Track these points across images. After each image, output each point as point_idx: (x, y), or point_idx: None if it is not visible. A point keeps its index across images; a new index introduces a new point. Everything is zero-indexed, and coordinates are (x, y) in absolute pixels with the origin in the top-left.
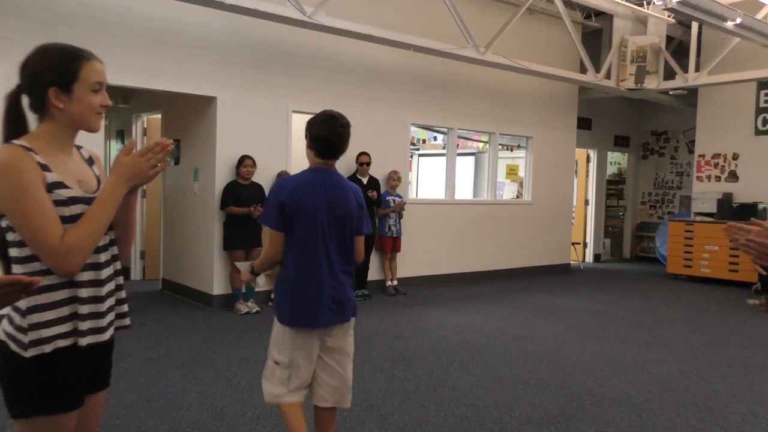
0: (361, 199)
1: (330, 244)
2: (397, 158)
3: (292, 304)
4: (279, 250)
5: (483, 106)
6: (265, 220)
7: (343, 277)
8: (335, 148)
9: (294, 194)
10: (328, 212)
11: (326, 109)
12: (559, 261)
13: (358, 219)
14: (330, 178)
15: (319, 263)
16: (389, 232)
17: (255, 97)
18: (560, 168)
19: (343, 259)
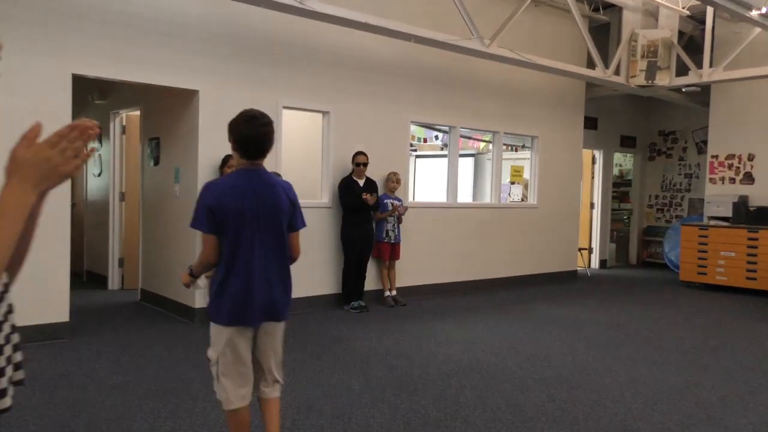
0: (293, 195)
1: (262, 243)
2: (396, 158)
3: (226, 304)
4: (212, 253)
5: (486, 104)
6: (195, 224)
7: (277, 277)
8: (258, 147)
9: (221, 197)
10: (257, 212)
11: (247, 110)
12: (566, 268)
13: (291, 215)
14: (258, 177)
15: (252, 263)
16: (387, 237)
17: (241, 91)
18: (567, 169)
19: (278, 257)
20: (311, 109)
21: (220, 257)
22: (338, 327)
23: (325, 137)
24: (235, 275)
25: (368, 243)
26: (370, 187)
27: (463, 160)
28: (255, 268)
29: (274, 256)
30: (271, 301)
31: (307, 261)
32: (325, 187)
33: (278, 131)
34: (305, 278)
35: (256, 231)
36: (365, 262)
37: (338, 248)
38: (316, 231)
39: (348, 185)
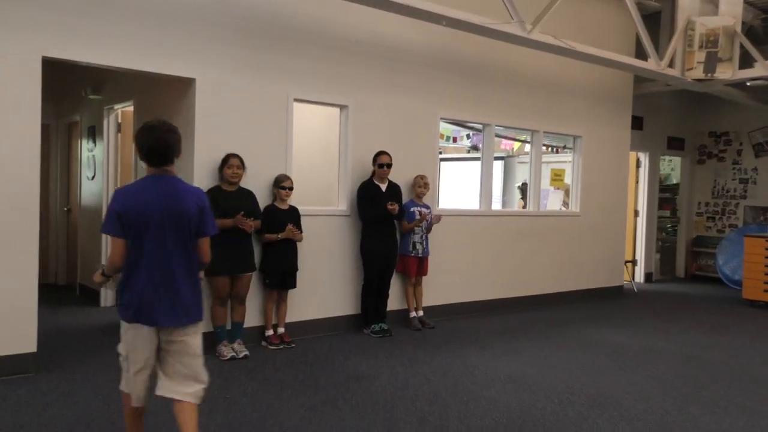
0: (203, 201)
1: (167, 248)
2: (424, 160)
3: (130, 303)
4: (120, 256)
5: (525, 99)
6: (104, 228)
7: (184, 280)
8: (162, 155)
9: (128, 203)
10: (163, 217)
11: (150, 120)
12: (612, 283)
13: (199, 221)
14: (165, 184)
15: (155, 266)
16: (414, 251)
17: (245, 81)
18: (613, 173)
19: (185, 262)
20: (327, 102)
21: (126, 260)
22: (357, 359)
23: (342, 135)
24: (139, 277)
25: (392, 257)
26: (394, 193)
27: None
28: (158, 272)
29: (179, 261)
30: (176, 304)
31: (320, 278)
32: (342, 192)
33: (288, 127)
34: (318, 298)
35: (161, 236)
36: (388, 279)
37: (357, 263)
38: (331, 243)
39: (368, 190)
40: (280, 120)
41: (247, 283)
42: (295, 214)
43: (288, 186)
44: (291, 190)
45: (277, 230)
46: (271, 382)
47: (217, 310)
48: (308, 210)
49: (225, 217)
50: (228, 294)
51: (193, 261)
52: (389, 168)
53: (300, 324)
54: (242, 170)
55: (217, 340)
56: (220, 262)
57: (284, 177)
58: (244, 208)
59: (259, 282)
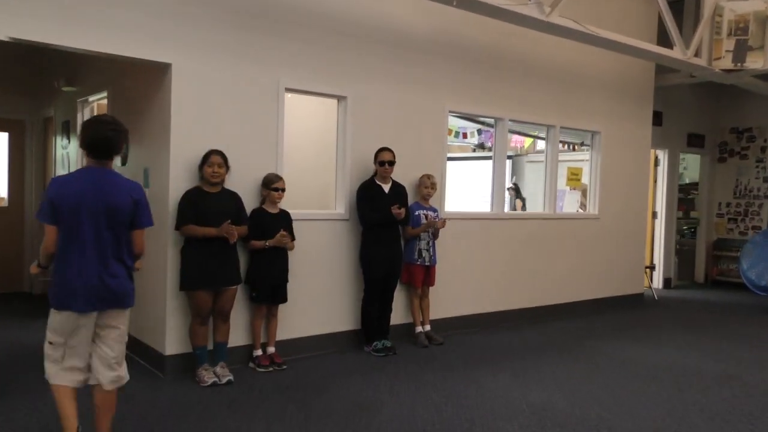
0: (139, 195)
1: (98, 237)
2: (431, 158)
3: (61, 290)
4: (52, 243)
5: (539, 92)
6: (38, 215)
7: (115, 268)
8: (102, 149)
9: (61, 191)
10: (97, 208)
11: (98, 114)
12: (631, 290)
13: (135, 214)
14: (101, 176)
15: (87, 254)
16: (420, 259)
17: (229, 67)
18: (633, 172)
19: (117, 252)
20: (323, 92)
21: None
22: (357, 383)
23: (340, 130)
24: (68, 265)
25: (395, 266)
26: (398, 195)
27: None
28: (87, 260)
29: (111, 250)
30: (105, 292)
31: (315, 289)
32: (340, 193)
33: (278, 120)
34: (313, 312)
35: (93, 225)
36: (392, 291)
37: (357, 272)
38: (328, 250)
39: (369, 191)
40: (270, 112)
41: (232, 298)
42: (287, 218)
43: (280, 187)
44: (283, 191)
45: (266, 237)
46: (257, 415)
47: (197, 328)
48: (301, 214)
49: (206, 223)
50: (210, 311)
51: (125, 251)
52: (392, 166)
53: (293, 342)
54: (225, 169)
55: (196, 364)
56: (201, 275)
57: (275, 177)
58: (228, 212)
59: (246, 296)
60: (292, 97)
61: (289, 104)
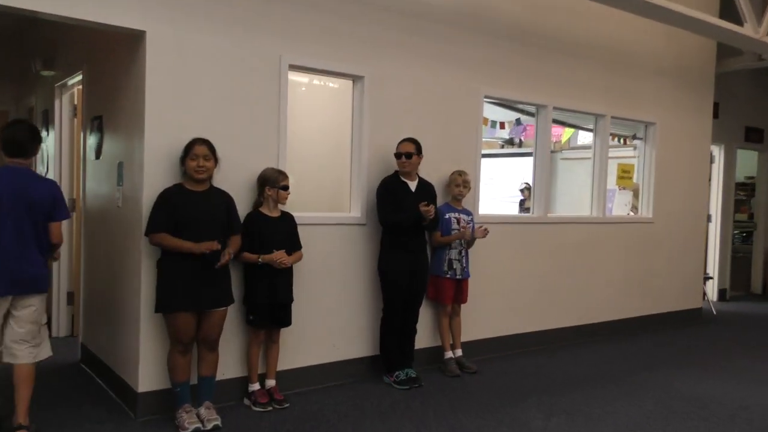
0: (54, 192)
1: (16, 228)
2: (463, 151)
3: None
4: None
5: (588, 76)
6: None
7: (33, 257)
8: (14, 150)
9: None
10: (16, 202)
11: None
12: (688, 304)
13: (51, 208)
14: (20, 173)
15: (7, 244)
16: (450, 271)
17: (219, 38)
18: (691, 169)
19: (35, 241)
20: (335, 71)
21: None
22: (375, 427)
23: (356, 116)
24: None
25: (421, 279)
26: (426, 194)
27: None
28: (6, 249)
29: (27, 241)
30: (21, 278)
31: (325, 309)
32: (355, 193)
33: (281, 103)
34: (322, 336)
35: (13, 218)
36: (416, 309)
37: (375, 287)
38: (341, 261)
39: (391, 190)
40: (270, 93)
41: (220, 322)
42: (290, 223)
43: (285, 185)
44: (286, 190)
45: (265, 247)
46: None
47: (177, 360)
48: (309, 218)
49: (187, 230)
50: (193, 337)
51: (43, 241)
52: (409, 159)
53: (297, 373)
54: (212, 162)
55: (176, 403)
56: (181, 294)
57: (278, 173)
58: (215, 216)
59: (240, 317)
60: (297, 77)
61: (298, 92)
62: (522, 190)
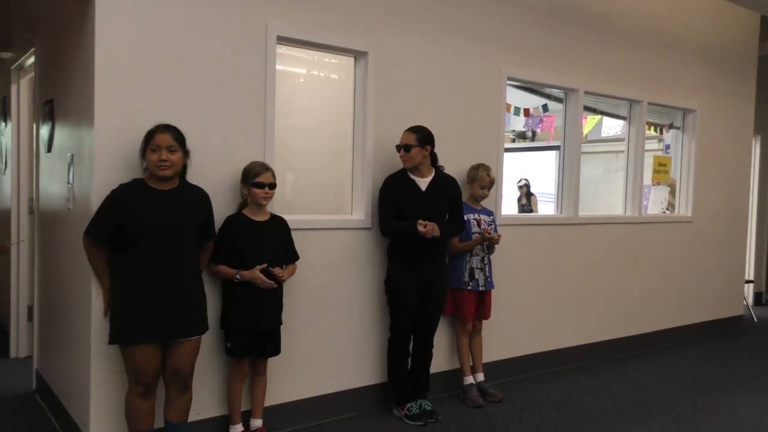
0: None
1: None
2: (483, 143)
3: None
4: None
5: (622, 57)
6: None
7: None
8: None
9: None
10: None
11: None
12: (729, 312)
13: None
14: None
15: None
16: (472, 282)
17: (190, 3)
18: (733, 162)
19: None
20: (333, 45)
21: None
22: None
23: (358, 99)
24: None
25: (437, 293)
26: (441, 193)
27: (541, 156)
28: None
29: None
30: None
31: (322, 331)
32: (358, 191)
33: (267, 83)
34: (320, 363)
35: None
36: (432, 329)
37: (382, 304)
38: (341, 272)
39: (395, 189)
40: (255, 70)
41: (191, 354)
42: (281, 229)
43: (266, 182)
44: (271, 188)
45: (249, 257)
46: None
47: (137, 404)
48: (304, 221)
49: (143, 241)
50: (157, 375)
51: None
52: (408, 152)
53: (290, 408)
54: (180, 155)
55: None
56: (141, 319)
57: (260, 167)
58: (185, 221)
59: (218, 345)
60: (286, 52)
61: (285, 63)
62: (520, 186)
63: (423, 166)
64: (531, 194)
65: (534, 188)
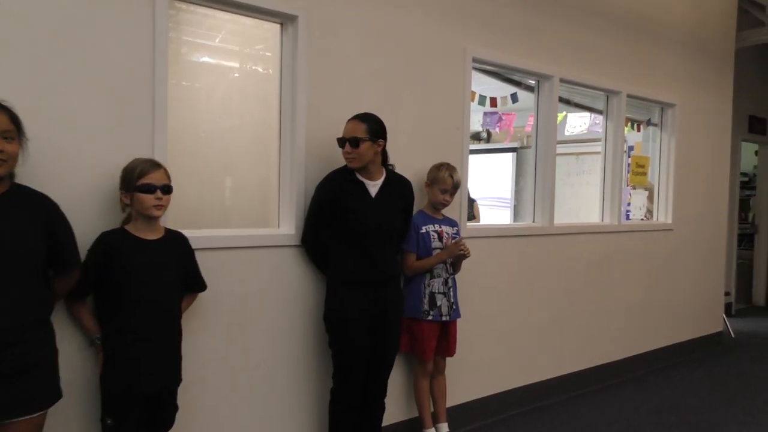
0: None
1: None
2: (443, 137)
3: None
4: None
5: (602, 42)
6: None
7: None
8: None
9: None
10: None
11: None
12: (710, 329)
13: None
14: None
15: None
16: (432, 310)
17: None
18: (712, 163)
19: None
20: (252, 5)
21: None
22: None
23: (285, 80)
24: None
25: (393, 324)
26: (394, 200)
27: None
28: None
29: None
30: None
31: (238, 388)
32: (286, 200)
33: (156, 53)
34: (235, 429)
35: None
36: (384, 374)
37: (320, 344)
38: (263, 304)
39: (338, 191)
40: (140, 33)
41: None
42: (179, 250)
43: (156, 184)
44: (167, 193)
45: (132, 287)
46: None
47: None
48: (214, 238)
49: None
50: None
51: None
52: (355, 147)
53: None
54: (15, 145)
55: None
56: None
57: (147, 164)
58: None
59: (91, 419)
60: (189, 16)
61: (228, 75)
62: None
63: (373, 165)
64: (473, 200)
65: (484, 193)
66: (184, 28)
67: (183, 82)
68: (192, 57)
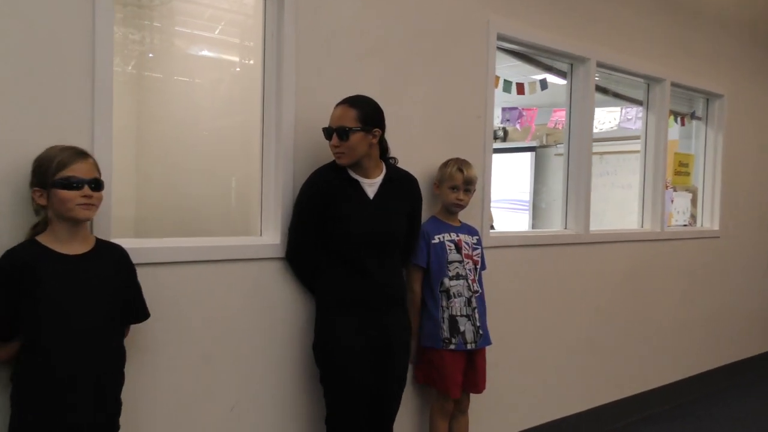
0: None
1: None
2: (462, 127)
3: None
4: None
5: (640, 21)
6: None
7: None
8: None
9: None
10: None
11: None
12: (759, 348)
13: None
14: None
15: None
16: (455, 337)
17: None
18: (761, 162)
19: None
20: None
21: None
22: None
23: (269, 58)
24: None
25: (399, 358)
26: (395, 201)
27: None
28: None
29: None
30: None
31: (210, 423)
32: (269, 203)
33: (92, 24)
34: None
35: None
36: (391, 413)
37: (311, 377)
38: (243, 332)
39: (328, 192)
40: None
41: None
42: (115, 267)
43: (86, 178)
44: (98, 190)
45: (56, 323)
46: None
47: None
48: (176, 250)
49: None
50: None
51: None
52: (344, 140)
53: None
54: None
55: None
56: None
57: (68, 153)
58: None
59: None
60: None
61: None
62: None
63: (369, 160)
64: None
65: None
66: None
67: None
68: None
